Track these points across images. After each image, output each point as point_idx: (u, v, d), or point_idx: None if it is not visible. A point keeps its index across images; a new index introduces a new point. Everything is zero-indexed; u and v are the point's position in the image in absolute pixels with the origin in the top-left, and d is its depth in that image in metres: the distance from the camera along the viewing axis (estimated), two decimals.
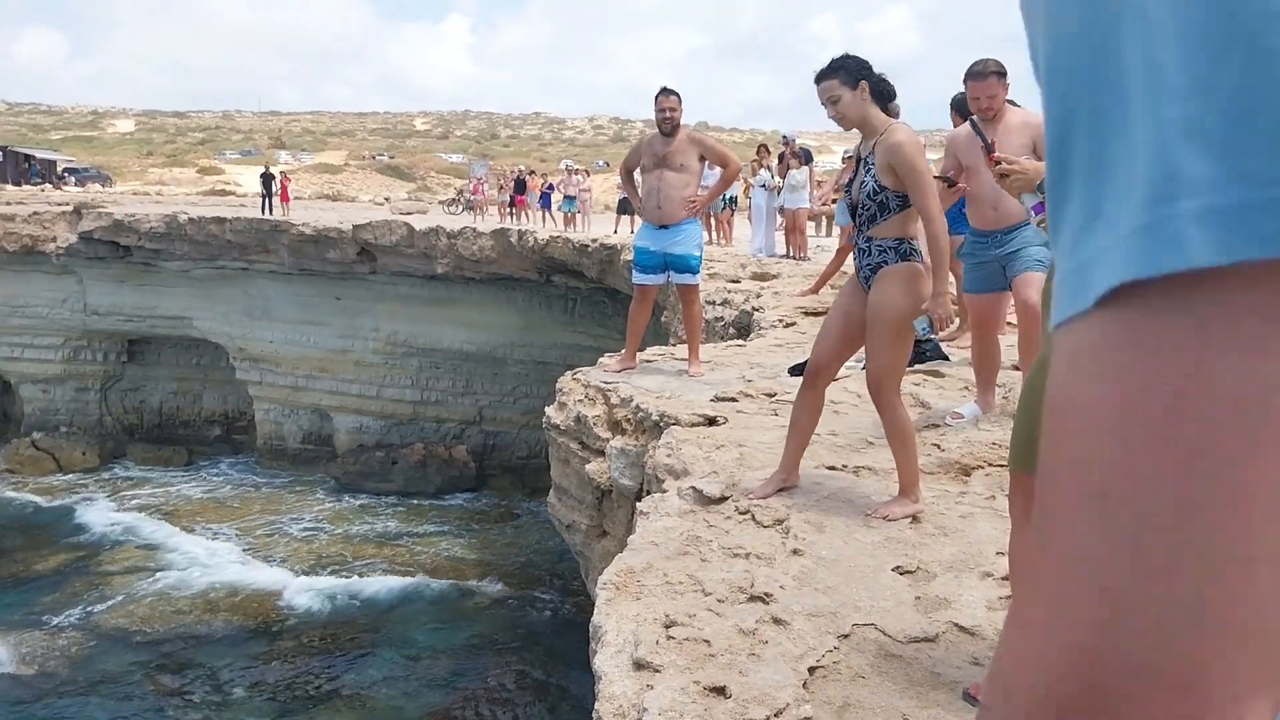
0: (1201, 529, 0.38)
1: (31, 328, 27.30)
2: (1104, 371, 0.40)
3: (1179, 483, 0.38)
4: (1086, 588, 0.40)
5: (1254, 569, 0.38)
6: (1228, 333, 0.38)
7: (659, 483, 4.77)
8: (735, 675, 2.64)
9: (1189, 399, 0.38)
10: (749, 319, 10.52)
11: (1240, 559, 0.38)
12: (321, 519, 23.02)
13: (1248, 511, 0.38)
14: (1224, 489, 0.38)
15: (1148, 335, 0.39)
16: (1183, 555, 0.38)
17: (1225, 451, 0.38)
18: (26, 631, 16.72)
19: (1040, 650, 0.42)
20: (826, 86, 4.01)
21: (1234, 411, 0.37)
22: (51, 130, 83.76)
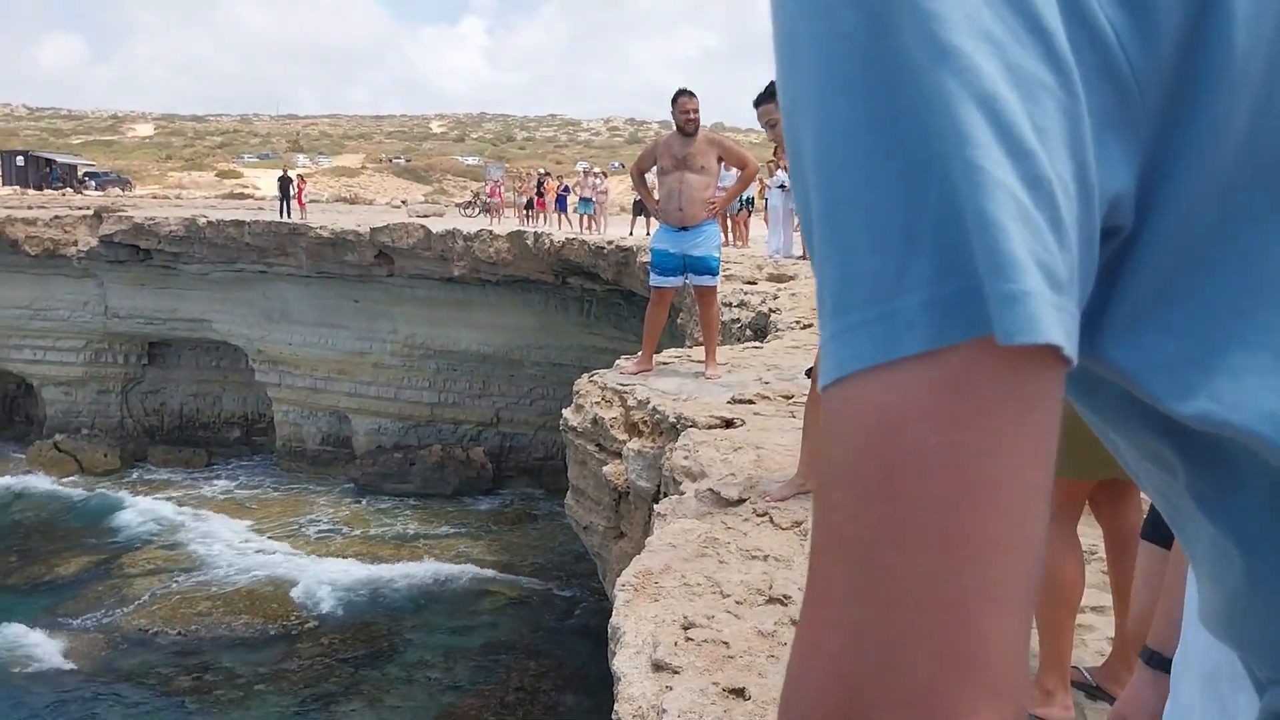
0: (918, 569, 0.44)
1: (53, 330, 27.53)
2: (840, 436, 0.46)
3: (897, 532, 0.44)
4: (834, 620, 0.46)
5: (968, 603, 0.43)
6: (924, 409, 0.44)
7: (676, 485, 4.78)
8: (755, 677, 2.64)
9: (901, 463, 0.44)
10: (766, 321, 10.51)
11: (954, 594, 0.43)
12: (340, 520, 23.12)
13: (956, 554, 0.43)
14: (934, 537, 0.43)
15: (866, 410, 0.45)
16: (905, 592, 0.44)
17: (932, 507, 0.43)
18: (50, 632, 16.86)
19: (807, 674, 0.47)
20: (764, 110, 4.11)
21: (938, 473, 0.43)
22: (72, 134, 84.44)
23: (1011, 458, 0.44)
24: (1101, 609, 2.92)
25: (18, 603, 18.19)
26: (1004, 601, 0.44)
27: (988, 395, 0.44)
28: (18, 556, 20.57)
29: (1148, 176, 0.48)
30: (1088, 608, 2.94)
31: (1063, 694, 2.47)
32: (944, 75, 0.44)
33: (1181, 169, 0.48)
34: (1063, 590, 2.47)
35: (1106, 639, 2.75)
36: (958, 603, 0.43)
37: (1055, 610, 2.47)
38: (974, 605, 0.44)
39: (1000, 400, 0.44)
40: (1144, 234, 0.49)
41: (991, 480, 0.44)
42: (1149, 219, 0.49)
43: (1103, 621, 2.91)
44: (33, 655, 16.07)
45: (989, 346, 0.43)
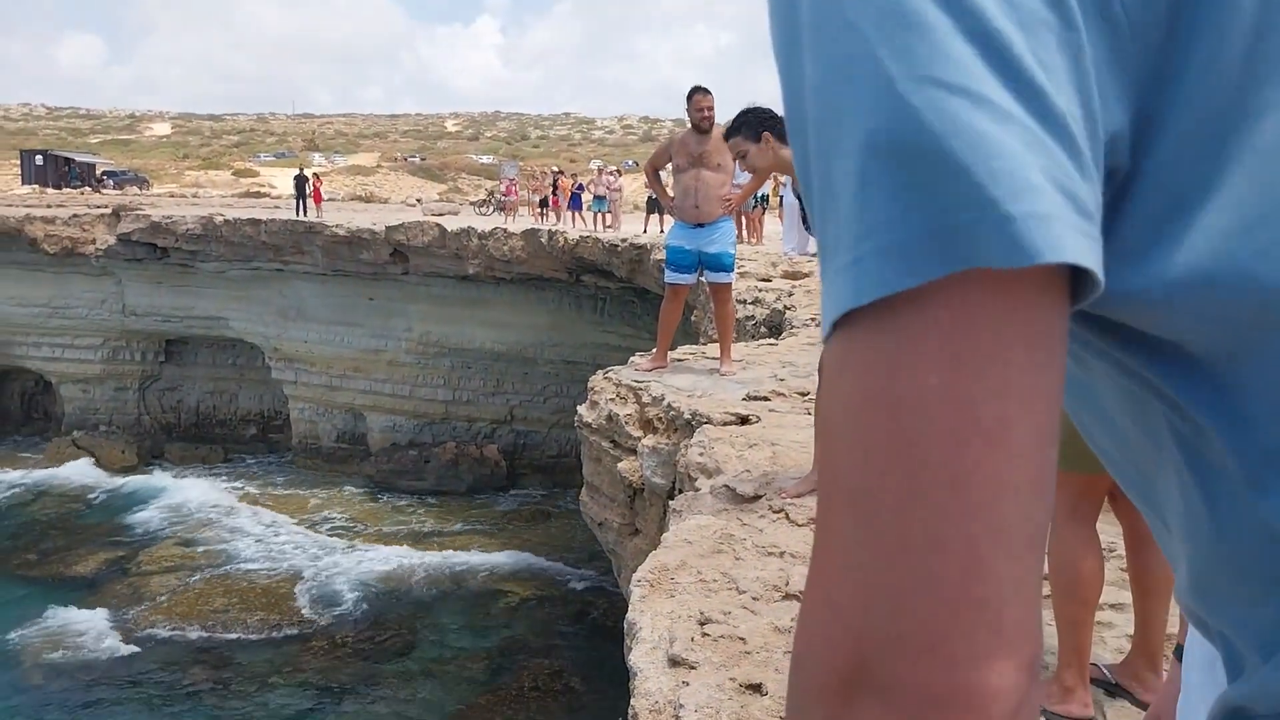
0: (925, 514, 0.43)
1: (71, 328, 27.71)
2: (841, 387, 0.46)
3: (902, 477, 0.44)
4: (842, 570, 0.46)
5: (978, 548, 0.43)
6: (924, 350, 0.44)
7: (691, 481, 4.77)
8: (771, 673, 2.64)
9: (903, 408, 0.44)
10: (781, 318, 10.50)
11: (963, 539, 0.43)
12: (355, 517, 23.21)
13: (964, 498, 0.43)
14: (941, 480, 0.43)
15: (867, 355, 0.45)
16: (913, 536, 0.44)
17: (938, 449, 0.43)
18: (68, 627, 16.98)
19: (819, 627, 0.47)
20: (733, 144, 4.23)
21: (941, 416, 0.43)
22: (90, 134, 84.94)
23: (1019, 397, 0.44)
24: (1121, 606, 2.90)
25: (37, 597, 18.32)
26: (1014, 545, 0.44)
27: (991, 332, 0.44)
28: (36, 552, 20.72)
29: (1141, 116, 0.48)
30: (1107, 605, 2.92)
31: (1082, 691, 2.45)
32: (941, 13, 0.44)
33: (1174, 109, 0.48)
34: (1081, 587, 2.46)
35: (1126, 636, 2.74)
36: (966, 547, 0.43)
37: (1074, 607, 2.46)
38: (983, 550, 0.44)
39: (1004, 337, 0.44)
40: (1139, 175, 0.49)
41: (1000, 421, 0.44)
42: (1144, 159, 0.49)
43: (1122, 619, 2.89)
44: (51, 650, 16.17)
45: (992, 279, 0.43)
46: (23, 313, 27.49)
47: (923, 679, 0.44)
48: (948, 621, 0.43)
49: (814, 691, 0.47)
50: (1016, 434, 0.44)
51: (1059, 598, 2.48)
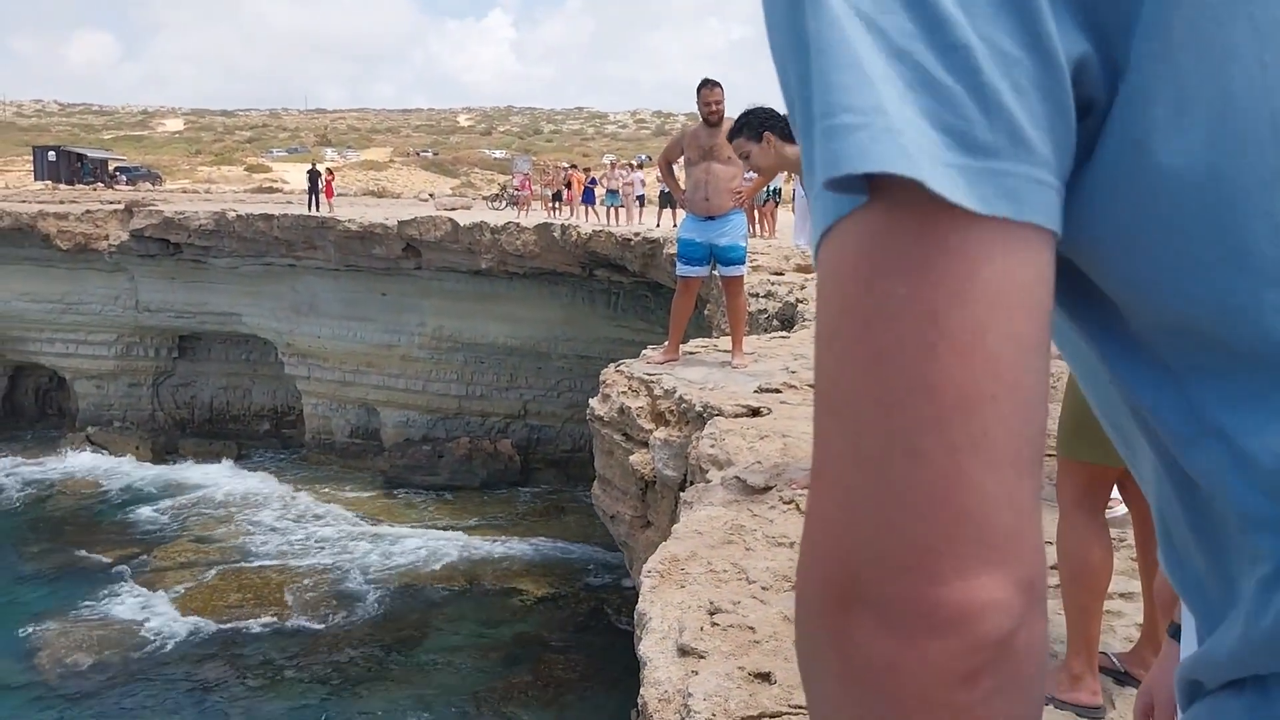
0: (902, 424, 0.43)
1: (85, 324, 27.86)
2: (823, 297, 0.47)
3: (878, 387, 0.44)
4: (831, 487, 0.46)
5: (957, 457, 0.43)
6: (887, 258, 0.44)
7: (702, 473, 4.78)
8: (780, 661, 2.65)
9: (875, 316, 0.44)
10: (793, 311, 10.49)
11: (942, 448, 0.43)
12: (369, 512, 23.29)
13: (939, 406, 0.43)
14: (913, 388, 0.43)
15: (841, 265, 0.46)
16: (892, 448, 0.44)
17: (909, 357, 0.43)
18: (83, 621, 17.09)
19: (814, 543, 0.47)
20: (736, 145, 4.29)
21: (909, 323, 0.43)
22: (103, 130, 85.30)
23: (990, 304, 0.43)
24: (1130, 595, 2.90)
25: (52, 592, 18.46)
26: (996, 456, 0.43)
27: (955, 237, 0.44)
28: (51, 547, 20.86)
29: (1107, 46, 0.47)
30: (1116, 594, 2.92)
31: (1090, 679, 2.45)
32: None
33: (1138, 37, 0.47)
34: (1089, 576, 2.45)
35: (1135, 625, 2.74)
36: (946, 458, 0.43)
37: (1082, 596, 2.46)
38: (964, 460, 0.43)
39: (969, 243, 0.44)
40: (1116, 104, 0.48)
41: (969, 328, 0.43)
42: (1119, 89, 0.48)
43: (1131, 608, 2.89)
44: (66, 644, 16.28)
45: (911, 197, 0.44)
46: (36, 309, 27.65)
47: (910, 593, 0.43)
48: (929, 534, 0.43)
49: (812, 608, 0.47)
50: (989, 341, 0.43)
51: (1067, 586, 2.48)
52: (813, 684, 0.49)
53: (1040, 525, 0.46)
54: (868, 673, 0.45)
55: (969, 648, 0.43)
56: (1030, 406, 0.45)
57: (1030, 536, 0.45)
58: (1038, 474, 0.45)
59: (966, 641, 0.43)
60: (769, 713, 2.40)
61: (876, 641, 0.44)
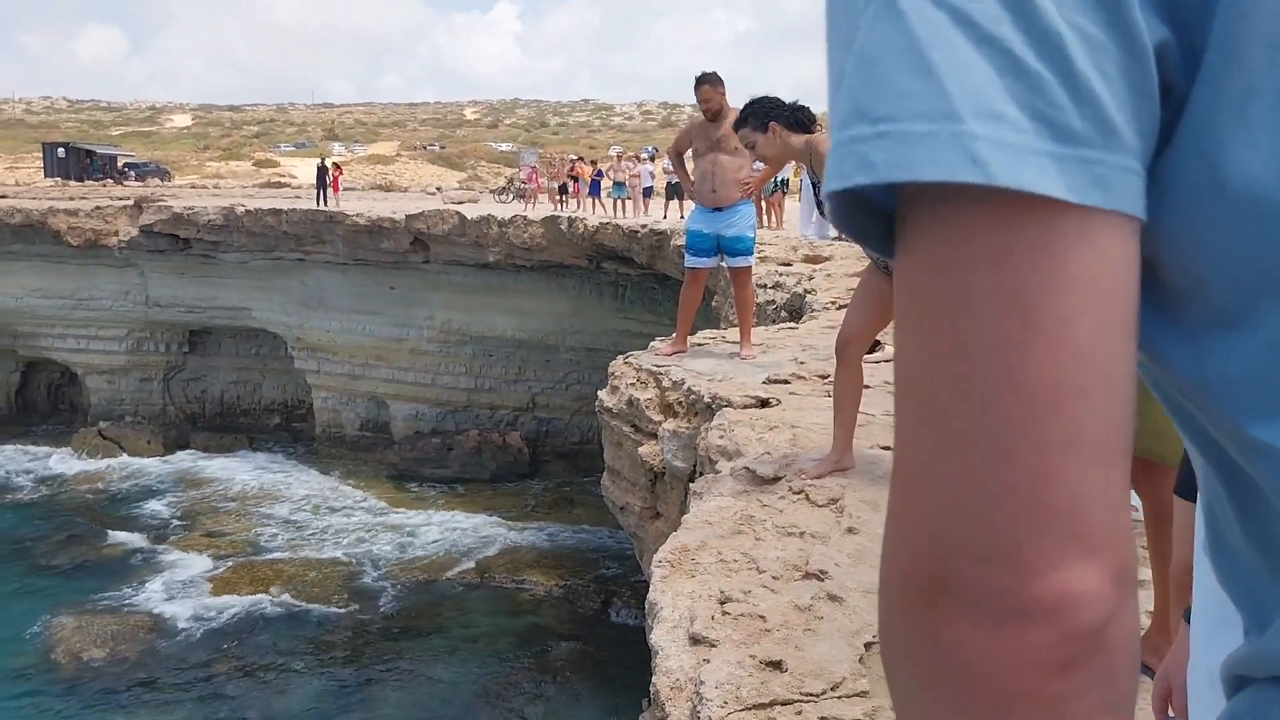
0: (992, 419, 0.43)
1: (96, 320, 27.97)
2: (904, 290, 0.46)
3: (966, 381, 0.43)
4: (917, 481, 0.46)
5: (1049, 451, 0.43)
6: (976, 250, 0.44)
7: (712, 464, 4.79)
8: (791, 650, 2.66)
9: (961, 310, 0.44)
10: (801, 301, 10.49)
11: (1033, 442, 0.43)
12: (378, 505, 23.36)
13: (1030, 400, 0.43)
14: (1003, 382, 0.43)
15: (924, 257, 0.45)
16: (982, 444, 0.43)
17: (998, 350, 0.43)
18: (96, 614, 17.18)
19: (899, 537, 0.47)
20: (741, 135, 4.30)
21: (997, 315, 0.43)
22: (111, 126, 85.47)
23: (1079, 292, 0.43)
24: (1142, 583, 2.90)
25: (64, 586, 18.57)
26: (1086, 448, 0.43)
27: (1042, 224, 0.43)
28: (66, 541, 20.96)
29: (1186, 32, 0.47)
30: None
31: None
32: None
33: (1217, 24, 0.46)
34: None
35: (1146, 612, 2.74)
36: (1035, 451, 0.42)
37: None
38: (1054, 454, 0.43)
39: (1057, 229, 0.43)
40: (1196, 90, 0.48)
41: (1059, 319, 0.43)
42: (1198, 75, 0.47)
43: (1142, 595, 2.90)
44: (78, 637, 16.37)
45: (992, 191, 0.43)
46: (47, 305, 27.77)
47: (1000, 586, 0.43)
48: (1022, 528, 0.43)
49: (897, 602, 0.47)
50: (1077, 332, 0.43)
51: None
52: (898, 678, 0.49)
53: (1129, 514, 0.46)
54: (958, 665, 0.45)
55: (1064, 638, 0.43)
56: (1120, 397, 0.44)
57: (1121, 526, 0.45)
58: (1127, 464, 0.45)
59: (1061, 632, 0.43)
60: (780, 700, 2.41)
61: (967, 633, 0.44)
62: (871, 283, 4.20)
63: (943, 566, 0.44)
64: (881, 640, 0.50)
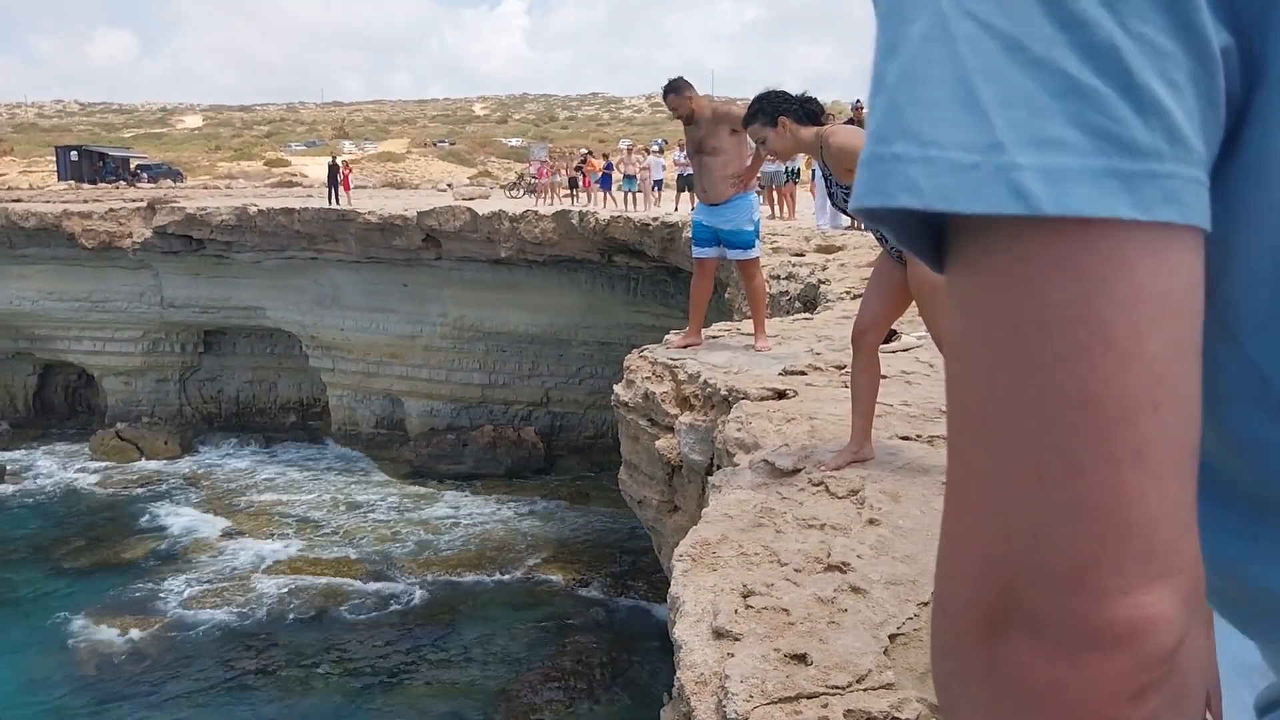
0: (1061, 437, 0.42)
1: (111, 322, 28.11)
2: (956, 305, 0.45)
3: (1032, 398, 0.42)
4: (978, 502, 0.44)
5: (1120, 470, 0.41)
6: (1043, 265, 0.42)
7: (730, 457, 4.77)
8: (816, 643, 2.65)
9: (1028, 325, 0.42)
10: (815, 292, 10.45)
11: (1104, 461, 0.41)
12: (395, 502, 23.43)
13: (1100, 417, 0.41)
14: (1072, 399, 0.41)
15: (986, 271, 0.44)
16: (1051, 462, 0.42)
17: (1067, 366, 0.41)
18: (116, 615, 17.29)
19: (959, 563, 0.46)
20: (752, 130, 4.31)
21: (1067, 331, 0.41)
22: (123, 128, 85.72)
23: (1151, 308, 0.42)
24: None
25: (85, 587, 18.69)
26: (1159, 466, 0.42)
27: (1114, 241, 0.42)
28: (86, 542, 21.10)
29: (1247, 39, 0.45)
30: None
31: None
32: None
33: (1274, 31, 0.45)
34: None
35: None
36: (1107, 470, 0.41)
37: None
38: (1127, 473, 0.41)
39: (1130, 246, 0.42)
40: (1257, 99, 0.47)
41: (1130, 335, 0.41)
42: (1260, 83, 0.46)
43: None
44: (100, 638, 16.49)
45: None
46: (63, 307, 27.92)
47: (1075, 611, 0.42)
48: (1093, 550, 0.41)
49: (958, 630, 0.46)
50: (1151, 349, 0.41)
51: None
52: (958, 708, 0.47)
53: (1196, 534, 0.44)
54: (1025, 694, 0.43)
55: (1138, 665, 0.42)
56: (1190, 413, 0.43)
57: (1191, 547, 0.43)
58: (1194, 482, 0.44)
59: (1136, 658, 0.42)
60: (806, 694, 2.40)
61: (1035, 661, 0.43)
62: (886, 271, 4.18)
63: (1012, 593, 0.43)
64: (938, 670, 0.48)
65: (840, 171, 4.10)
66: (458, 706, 14.32)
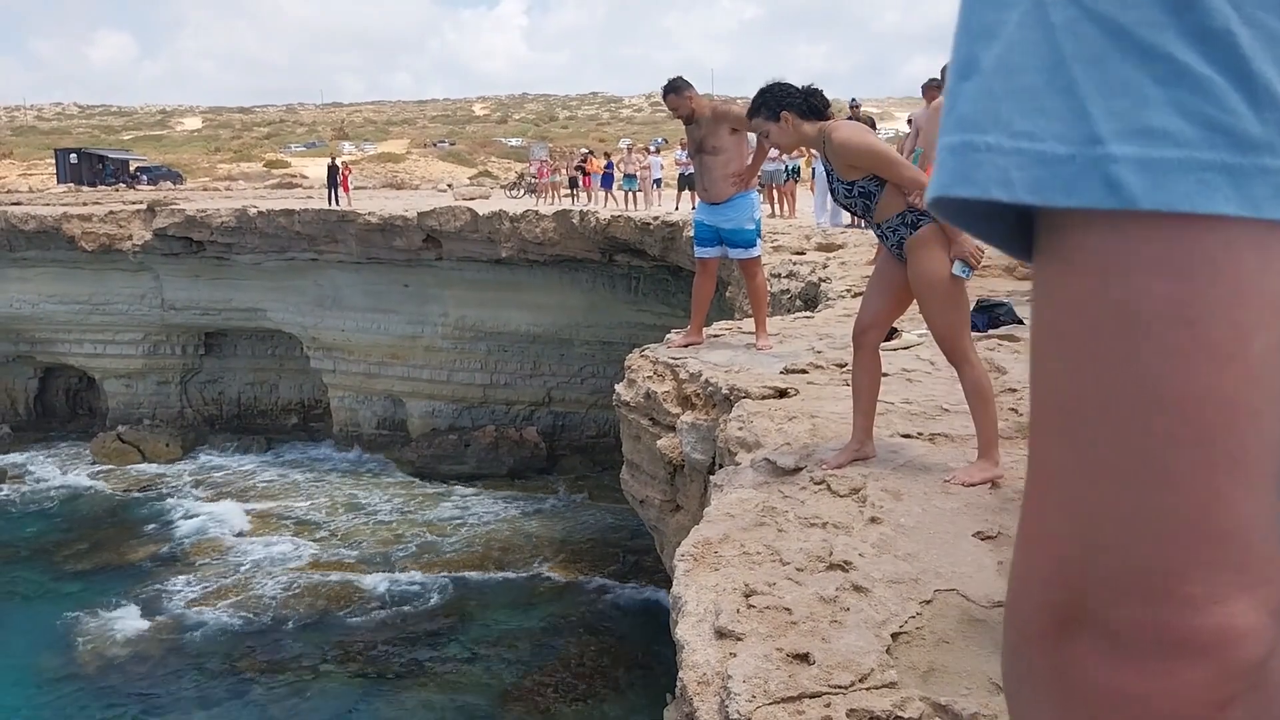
0: (1152, 439, 0.40)
1: (112, 324, 28.12)
2: (1047, 298, 0.44)
3: (1123, 398, 0.40)
4: (1061, 502, 0.43)
5: (1214, 476, 0.40)
6: (1140, 261, 0.40)
7: (731, 456, 4.77)
8: (818, 642, 2.64)
9: (1121, 324, 0.40)
10: (816, 290, 10.45)
11: (1198, 466, 0.40)
12: (398, 503, 23.43)
13: (1196, 420, 0.39)
14: (1167, 401, 0.40)
15: (1076, 265, 0.42)
16: (1137, 465, 0.40)
17: (1162, 367, 0.40)
18: (120, 617, 17.29)
19: (1033, 564, 0.44)
20: (754, 124, 4.28)
21: (1163, 330, 0.40)
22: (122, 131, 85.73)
23: (1256, 309, 0.39)
24: None
25: (88, 589, 18.68)
26: (1253, 473, 0.40)
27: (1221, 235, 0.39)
28: (88, 545, 21.11)
29: None
30: None
31: None
32: None
33: None
34: None
35: None
36: (1201, 476, 0.39)
37: None
38: (1221, 479, 0.39)
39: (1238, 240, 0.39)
40: None
41: (1232, 336, 0.39)
42: None
43: None
44: (103, 639, 16.49)
45: None
46: (64, 310, 27.93)
47: (1154, 621, 0.40)
48: (1181, 558, 0.40)
49: (1028, 633, 0.45)
50: (1254, 351, 0.39)
51: None
52: (1027, 711, 0.46)
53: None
54: (1102, 705, 0.42)
55: (1223, 676, 0.40)
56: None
57: (1277, 551, 0.41)
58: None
59: (1221, 670, 0.40)
60: (809, 693, 2.40)
61: (1115, 670, 0.41)
62: (887, 269, 4.18)
63: (1088, 598, 0.42)
64: (1008, 672, 0.47)
65: (843, 167, 4.07)
66: (464, 705, 14.31)
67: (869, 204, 4.07)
